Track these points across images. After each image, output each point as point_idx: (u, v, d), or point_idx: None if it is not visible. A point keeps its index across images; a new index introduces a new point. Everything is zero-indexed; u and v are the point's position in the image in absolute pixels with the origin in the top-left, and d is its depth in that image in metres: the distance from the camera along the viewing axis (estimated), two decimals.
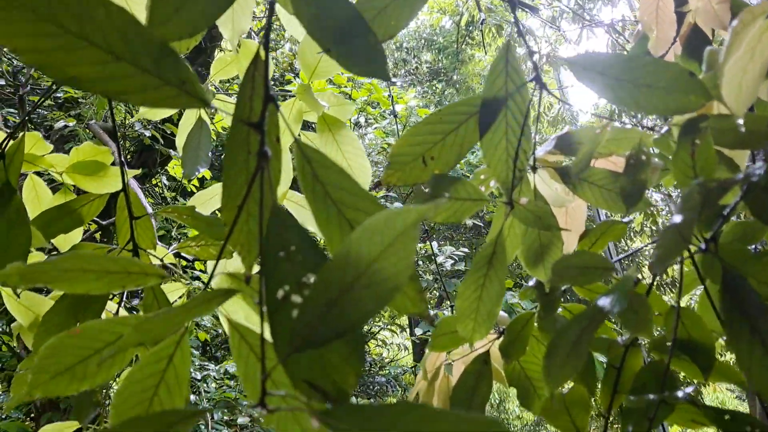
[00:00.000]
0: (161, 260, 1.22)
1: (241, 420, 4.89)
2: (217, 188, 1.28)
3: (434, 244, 5.47)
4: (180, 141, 1.36)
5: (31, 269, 0.56)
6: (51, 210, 1.12)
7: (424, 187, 0.74)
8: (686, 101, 0.69)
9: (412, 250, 0.48)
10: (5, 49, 4.95)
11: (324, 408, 0.51)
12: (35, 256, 1.20)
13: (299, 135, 1.34)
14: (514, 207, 0.78)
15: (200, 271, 4.69)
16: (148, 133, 4.22)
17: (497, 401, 17.11)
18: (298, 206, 1.31)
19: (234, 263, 1.33)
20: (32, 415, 4.73)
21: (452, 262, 5.60)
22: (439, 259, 5.59)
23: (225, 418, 4.98)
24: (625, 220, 1.04)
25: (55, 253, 1.36)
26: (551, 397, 0.88)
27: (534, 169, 0.89)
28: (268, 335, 0.51)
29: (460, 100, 0.75)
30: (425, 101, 9.35)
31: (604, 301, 0.62)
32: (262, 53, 0.59)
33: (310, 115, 1.26)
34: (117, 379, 1.23)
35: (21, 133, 1.02)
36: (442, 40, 11.33)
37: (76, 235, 1.19)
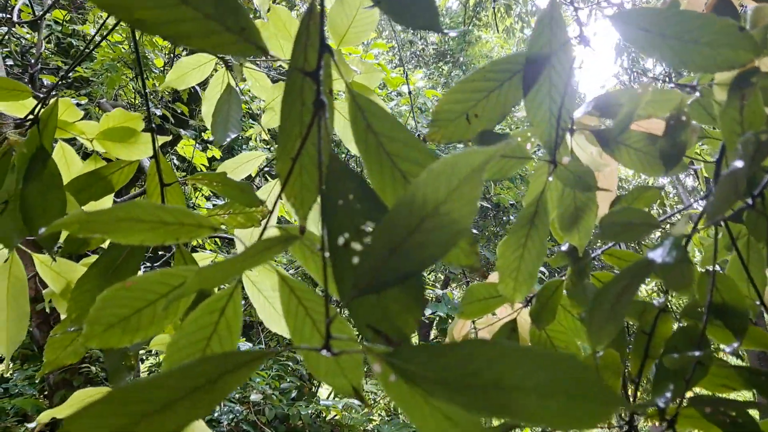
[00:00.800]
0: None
1: (253, 397, 4.94)
2: (245, 156, 1.28)
3: None
4: (207, 109, 1.36)
5: (89, 217, 0.56)
6: (82, 177, 1.13)
7: (468, 144, 0.74)
8: (734, 56, 0.69)
9: (477, 194, 0.48)
10: (13, 29, 4.93)
11: (387, 350, 0.51)
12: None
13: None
14: (557, 167, 0.78)
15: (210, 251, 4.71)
16: (159, 112, 4.22)
17: None
18: None
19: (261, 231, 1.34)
20: (45, 393, 4.78)
21: None
22: None
23: (237, 395, 5.02)
24: (658, 185, 1.04)
25: None
26: (591, 357, 0.89)
27: (572, 131, 0.89)
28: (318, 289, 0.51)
29: (504, 57, 0.75)
30: (432, 83, 9.30)
31: (655, 254, 0.62)
32: (317, 4, 0.59)
33: (336, 84, 1.26)
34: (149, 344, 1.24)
35: (54, 98, 1.02)
36: (449, 21, 11.24)
37: (107, 203, 1.20)
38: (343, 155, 6.57)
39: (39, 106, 1.05)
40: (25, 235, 1.03)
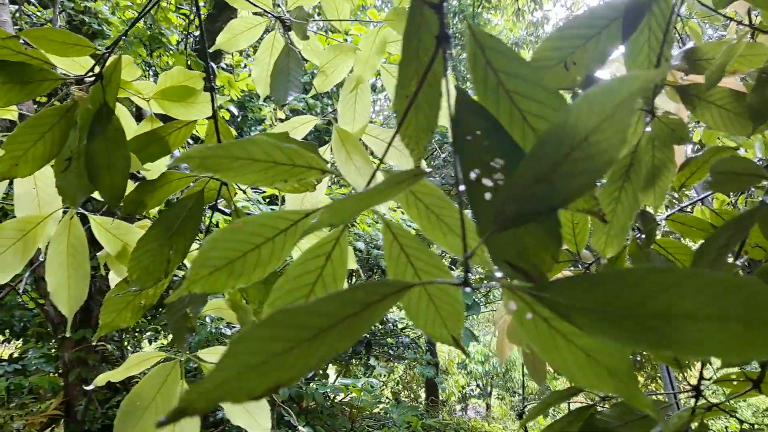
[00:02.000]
0: (244, 191, 1.21)
1: None
2: (298, 120, 1.26)
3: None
4: (257, 73, 1.34)
5: (209, 153, 0.55)
6: (140, 136, 1.11)
7: (569, 90, 0.72)
8: None
9: (629, 122, 0.46)
10: (23, 7, 4.88)
11: (528, 286, 0.50)
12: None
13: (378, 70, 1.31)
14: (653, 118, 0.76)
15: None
16: None
17: (503, 370, 17.33)
18: (378, 141, 1.29)
19: (316, 196, 1.32)
20: (60, 371, 4.80)
21: None
22: None
23: None
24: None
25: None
26: None
27: (658, 86, 0.87)
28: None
29: (602, 4, 0.73)
30: None
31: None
32: None
33: (394, 46, 1.23)
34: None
35: (118, 54, 1.00)
36: (457, 3, 11.14)
37: (163, 163, 1.18)
38: None
39: (100, 61, 1.03)
40: (90, 192, 1.01)
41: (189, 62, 4.30)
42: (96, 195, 1.05)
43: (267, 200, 4.65)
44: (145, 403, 1.13)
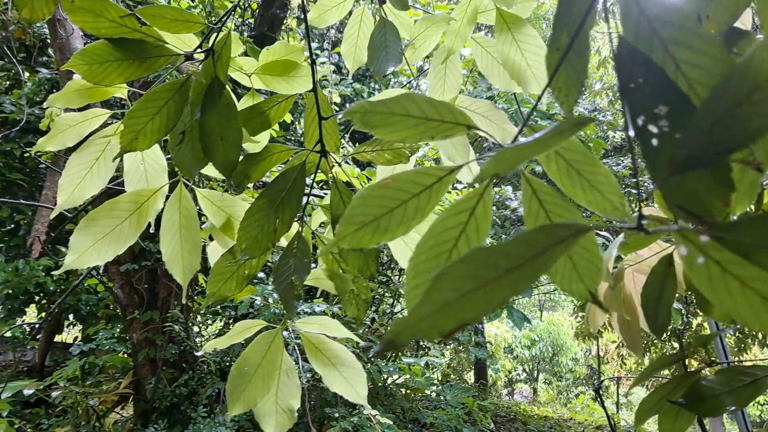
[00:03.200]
0: (339, 164, 1.23)
1: None
2: (394, 91, 1.27)
3: (509, 188, 5.40)
4: (346, 48, 1.36)
5: (370, 108, 0.56)
6: (244, 111, 1.14)
7: None
8: None
9: None
10: None
11: (701, 229, 0.50)
12: None
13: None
14: None
15: None
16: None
17: (550, 355, 17.13)
18: (468, 110, 1.30)
19: (406, 168, 1.34)
20: (129, 351, 5.00)
21: None
22: (513, 204, 5.53)
23: None
24: None
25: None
26: None
27: None
28: None
29: None
30: None
31: None
32: None
33: (484, 16, 1.23)
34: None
35: (227, 30, 1.03)
36: None
37: (265, 137, 1.21)
38: None
39: (209, 36, 1.06)
40: (204, 165, 1.05)
41: (246, 49, 4.37)
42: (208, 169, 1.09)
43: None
44: (252, 369, 1.18)
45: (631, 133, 0.51)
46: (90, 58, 0.99)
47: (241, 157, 1.13)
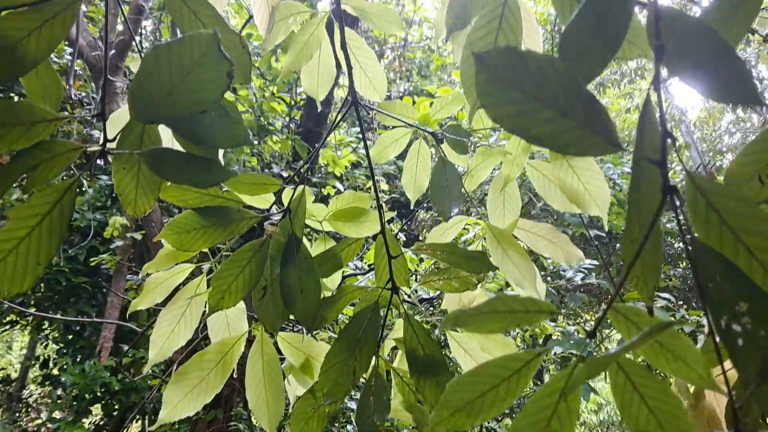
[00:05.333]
0: (409, 296, 1.28)
1: None
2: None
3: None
4: (406, 179, 1.43)
5: (460, 314, 0.61)
6: (318, 256, 1.21)
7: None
8: None
9: None
10: None
11: None
12: None
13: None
14: None
15: None
16: (284, 174, 4.43)
17: (619, 419, 16.22)
18: (529, 234, 1.34)
19: (474, 293, 1.37)
20: None
21: (582, 275, 5.45)
22: (569, 274, 5.46)
23: None
24: None
25: None
26: None
27: None
28: None
29: None
30: None
31: None
32: (654, 96, 0.62)
33: None
34: None
35: (301, 188, 1.11)
36: None
37: (337, 277, 1.27)
38: None
39: (283, 191, 1.15)
40: (286, 318, 1.11)
41: (294, 145, 4.58)
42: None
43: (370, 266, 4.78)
44: None
45: (717, 338, 0.53)
46: (178, 227, 1.08)
47: None
